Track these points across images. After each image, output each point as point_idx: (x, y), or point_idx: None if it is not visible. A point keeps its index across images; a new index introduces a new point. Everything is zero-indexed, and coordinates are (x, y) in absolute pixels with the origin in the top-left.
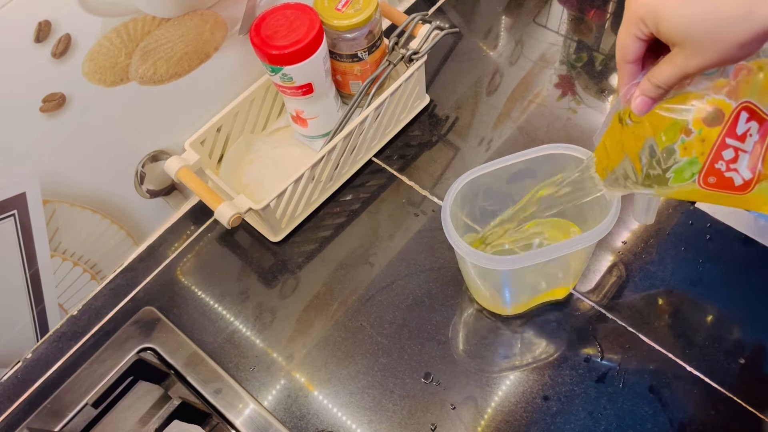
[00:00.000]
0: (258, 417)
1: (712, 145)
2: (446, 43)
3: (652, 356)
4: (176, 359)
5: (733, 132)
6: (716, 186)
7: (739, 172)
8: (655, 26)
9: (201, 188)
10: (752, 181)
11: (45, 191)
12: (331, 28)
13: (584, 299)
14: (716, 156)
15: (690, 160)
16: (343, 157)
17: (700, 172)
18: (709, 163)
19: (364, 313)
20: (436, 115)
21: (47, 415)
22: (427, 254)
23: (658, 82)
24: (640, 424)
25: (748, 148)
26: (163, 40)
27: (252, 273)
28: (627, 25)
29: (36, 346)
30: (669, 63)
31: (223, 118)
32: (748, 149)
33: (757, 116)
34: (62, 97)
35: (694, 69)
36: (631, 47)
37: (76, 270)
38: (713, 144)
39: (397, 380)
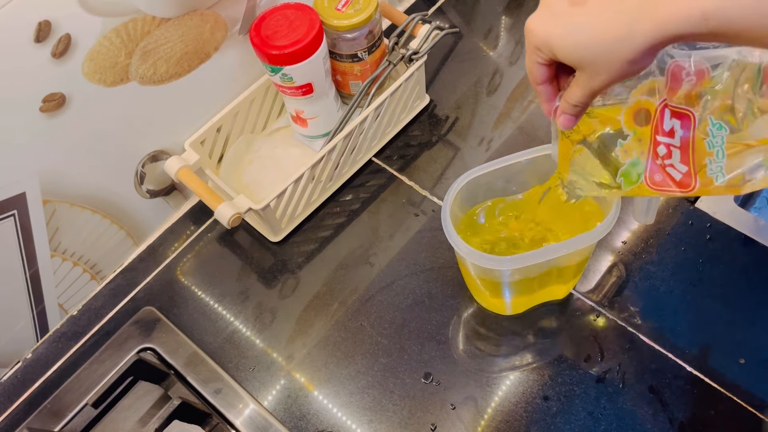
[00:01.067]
0: (258, 417)
1: (648, 143)
2: (446, 43)
3: (652, 356)
4: (176, 359)
5: (661, 128)
6: (662, 184)
7: (675, 167)
8: (551, 53)
9: (201, 188)
10: (690, 174)
11: (45, 191)
12: (331, 28)
13: (584, 299)
14: (654, 153)
15: (632, 161)
16: (343, 157)
17: (645, 172)
18: (651, 161)
19: (364, 313)
20: (436, 115)
21: (47, 415)
22: (427, 254)
23: (572, 102)
24: (640, 424)
25: (677, 143)
26: (163, 40)
27: (252, 273)
28: (528, 53)
29: (36, 346)
30: (576, 85)
31: (223, 118)
32: (677, 144)
33: (675, 113)
34: (62, 97)
35: (598, 87)
36: (536, 72)
37: (76, 270)
38: (649, 142)
39: (397, 380)
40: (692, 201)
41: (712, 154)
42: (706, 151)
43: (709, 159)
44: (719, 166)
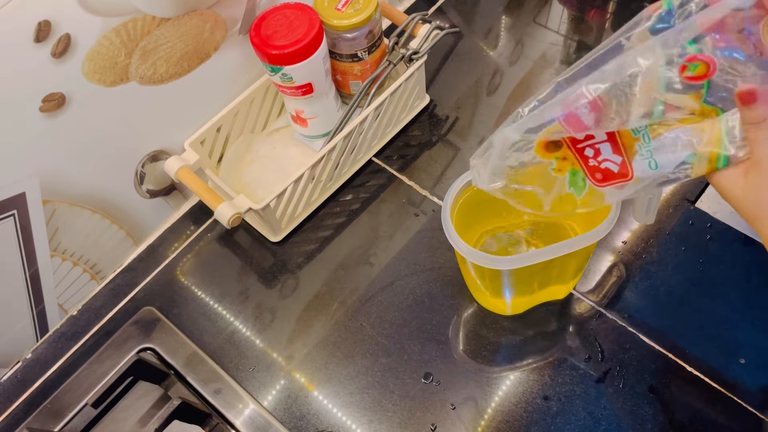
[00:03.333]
0: (258, 417)
1: (573, 155)
2: (446, 43)
3: (652, 356)
4: (176, 359)
5: (575, 140)
6: (606, 179)
7: (610, 160)
8: None
9: (201, 188)
10: (625, 163)
11: (45, 191)
12: (331, 27)
13: (584, 299)
14: (584, 158)
15: (571, 171)
16: (343, 157)
17: (586, 176)
18: (585, 165)
19: (364, 313)
20: (436, 115)
21: (47, 415)
22: (427, 254)
23: None
24: (640, 424)
25: (603, 137)
26: (163, 39)
27: (252, 273)
28: None
29: (36, 346)
30: None
31: (223, 118)
32: (603, 138)
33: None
34: (62, 96)
35: None
36: None
37: (76, 270)
38: (573, 154)
39: (397, 380)
40: (692, 201)
41: (638, 139)
42: (633, 138)
43: (638, 144)
44: (648, 150)
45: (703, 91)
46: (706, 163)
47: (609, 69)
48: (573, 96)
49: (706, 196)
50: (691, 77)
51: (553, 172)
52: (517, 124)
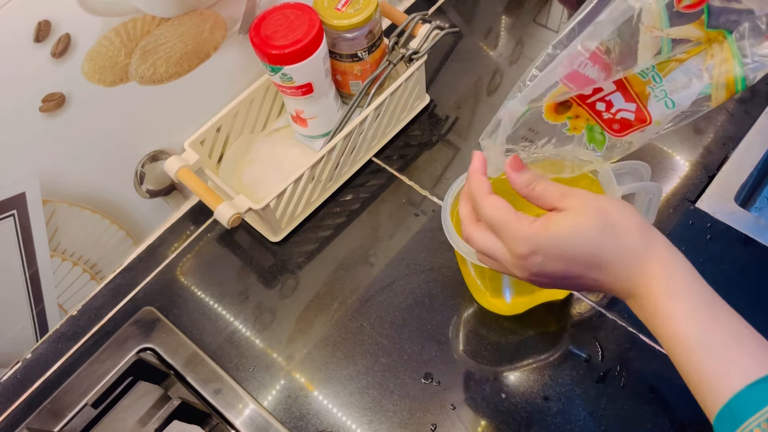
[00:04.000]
0: (258, 417)
1: (585, 111)
2: (446, 43)
3: (652, 356)
4: (176, 359)
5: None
6: (624, 128)
7: (624, 109)
8: None
9: (201, 188)
10: (641, 108)
11: (44, 191)
12: (331, 27)
13: (584, 299)
14: (596, 112)
15: (587, 127)
16: (343, 157)
17: (603, 129)
18: (600, 119)
19: (364, 313)
20: (436, 115)
21: (47, 415)
22: (427, 254)
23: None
24: (640, 424)
25: (612, 88)
26: (163, 39)
27: (252, 273)
28: None
29: (35, 346)
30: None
31: (223, 117)
32: (613, 88)
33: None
34: (62, 96)
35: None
36: None
37: (76, 270)
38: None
39: (397, 380)
40: (692, 201)
41: (649, 81)
42: (642, 81)
43: (649, 87)
44: (662, 90)
45: (704, 16)
46: (724, 89)
47: (602, 20)
48: (572, 54)
49: (706, 196)
50: (688, 5)
51: (568, 132)
52: (521, 95)
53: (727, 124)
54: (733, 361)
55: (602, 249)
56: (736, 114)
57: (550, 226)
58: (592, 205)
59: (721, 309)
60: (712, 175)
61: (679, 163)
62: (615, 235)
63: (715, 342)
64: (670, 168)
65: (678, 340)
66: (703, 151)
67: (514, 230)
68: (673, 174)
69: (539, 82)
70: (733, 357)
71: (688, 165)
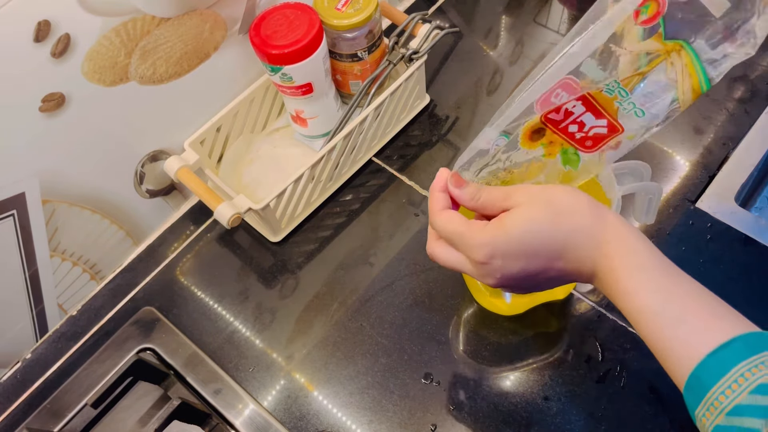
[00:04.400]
0: (258, 417)
1: (558, 137)
2: (446, 42)
3: (652, 356)
4: (176, 359)
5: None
6: (597, 142)
7: (596, 126)
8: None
9: (200, 188)
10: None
11: (44, 191)
12: (331, 27)
13: (584, 299)
14: (569, 135)
15: (561, 151)
16: (343, 157)
17: (577, 150)
18: (573, 140)
19: (364, 313)
20: (436, 115)
21: (47, 415)
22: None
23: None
24: (640, 424)
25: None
26: (163, 39)
27: (252, 273)
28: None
29: (35, 346)
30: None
31: (223, 117)
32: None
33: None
34: (61, 96)
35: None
36: None
37: (76, 270)
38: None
39: (397, 380)
40: (693, 201)
41: (615, 97)
42: (609, 98)
43: (617, 102)
44: (630, 102)
45: (661, 29)
46: (690, 92)
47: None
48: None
49: (706, 196)
50: (645, 20)
51: (543, 158)
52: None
53: (727, 124)
54: (695, 330)
55: (558, 235)
56: (736, 114)
57: (502, 226)
58: (539, 197)
59: (680, 278)
60: (712, 175)
61: (679, 163)
62: (567, 219)
63: (676, 312)
64: (671, 168)
65: (642, 314)
66: (703, 151)
67: (468, 239)
68: (673, 174)
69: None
70: (695, 326)
71: (688, 165)
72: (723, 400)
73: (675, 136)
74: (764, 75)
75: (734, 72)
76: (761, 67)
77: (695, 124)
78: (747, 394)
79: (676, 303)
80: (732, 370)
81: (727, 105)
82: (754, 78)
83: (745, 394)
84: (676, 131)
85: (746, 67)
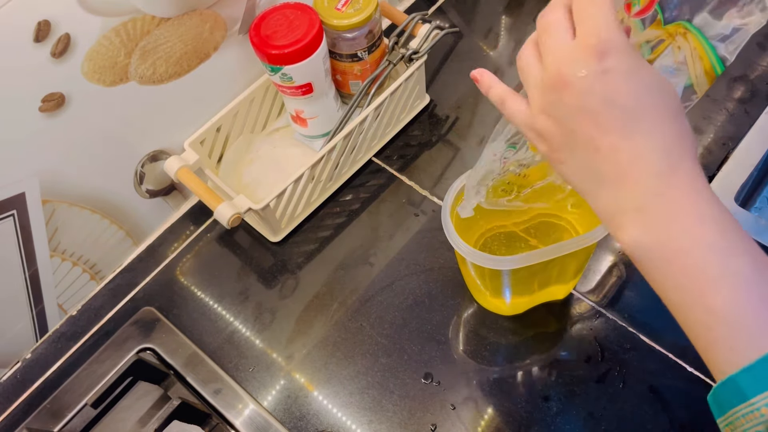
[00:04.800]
0: (258, 417)
1: None
2: (446, 43)
3: (652, 356)
4: (176, 359)
5: None
6: None
7: None
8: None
9: (200, 188)
10: None
11: (44, 191)
12: (331, 27)
13: (584, 299)
14: None
15: None
16: (343, 157)
17: None
18: None
19: (364, 313)
20: (436, 115)
21: (47, 415)
22: (427, 254)
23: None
24: (640, 424)
25: None
26: (163, 39)
27: (252, 273)
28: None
29: (35, 346)
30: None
31: (223, 117)
32: None
33: None
34: (61, 96)
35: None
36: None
37: (76, 270)
38: None
39: (397, 380)
40: None
41: None
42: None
43: None
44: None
45: (659, 17)
46: (704, 76)
47: None
48: None
49: None
50: (639, 12)
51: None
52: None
53: (727, 124)
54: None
55: (670, 100)
56: (736, 114)
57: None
58: None
59: (765, 253)
60: (712, 175)
61: None
62: (684, 114)
63: (766, 286)
64: None
65: (721, 269)
66: (703, 151)
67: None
68: None
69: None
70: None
71: None
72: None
73: None
74: (764, 75)
75: (734, 72)
76: (761, 67)
77: (695, 124)
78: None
79: (766, 273)
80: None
81: (726, 105)
82: (754, 78)
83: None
84: None
85: (746, 67)
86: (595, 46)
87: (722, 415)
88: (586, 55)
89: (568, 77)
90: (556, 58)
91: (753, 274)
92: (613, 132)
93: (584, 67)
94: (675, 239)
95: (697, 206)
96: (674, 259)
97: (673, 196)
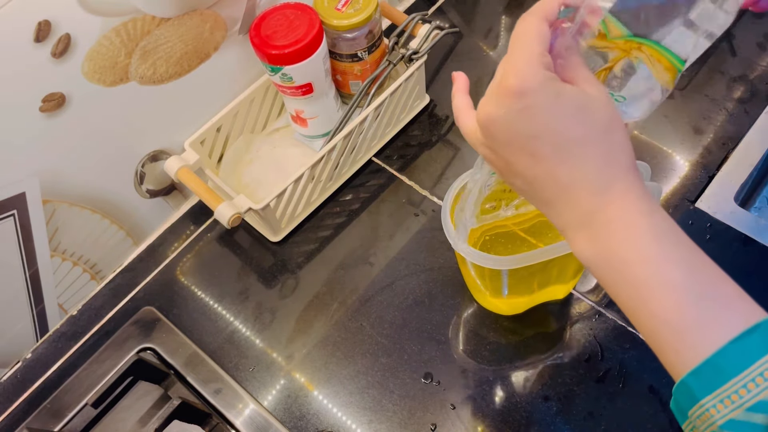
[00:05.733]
0: (258, 417)
1: None
2: (446, 43)
3: (652, 356)
4: (176, 359)
5: None
6: None
7: None
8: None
9: (201, 188)
10: None
11: (44, 191)
12: (331, 27)
13: (584, 299)
14: None
15: None
16: (343, 157)
17: None
18: None
19: (364, 313)
20: (436, 115)
21: (47, 415)
22: (427, 254)
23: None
24: (640, 424)
25: None
26: (163, 39)
27: (252, 273)
28: None
29: (36, 346)
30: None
31: (223, 117)
32: None
33: None
34: (62, 96)
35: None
36: None
37: (76, 270)
38: None
39: (397, 380)
40: (692, 201)
41: None
42: None
43: None
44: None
45: (604, 30)
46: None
47: None
48: None
49: (705, 196)
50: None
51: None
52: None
53: (727, 124)
54: (715, 310)
55: (598, 118)
56: (736, 114)
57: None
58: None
59: (701, 253)
60: (712, 175)
61: (678, 163)
62: (619, 126)
63: (698, 288)
64: (670, 168)
65: (663, 287)
66: (703, 151)
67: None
68: (672, 174)
69: None
70: (715, 305)
71: (687, 165)
72: (744, 393)
73: (674, 136)
74: (764, 75)
75: (734, 72)
76: (761, 67)
77: (695, 124)
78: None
79: (699, 277)
80: (758, 361)
81: (726, 105)
82: (753, 78)
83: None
84: (675, 131)
85: (746, 67)
86: (513, 86)
87: (684, 421)
88: (505, 95)
89: (491, 115)
90: (485, 98)
91: (686, 280)
92: (546, 160)
93: (504, 106)
94: (616, 252)
95: (632, 218)
96: (619, 269)
97: (610, 211)
